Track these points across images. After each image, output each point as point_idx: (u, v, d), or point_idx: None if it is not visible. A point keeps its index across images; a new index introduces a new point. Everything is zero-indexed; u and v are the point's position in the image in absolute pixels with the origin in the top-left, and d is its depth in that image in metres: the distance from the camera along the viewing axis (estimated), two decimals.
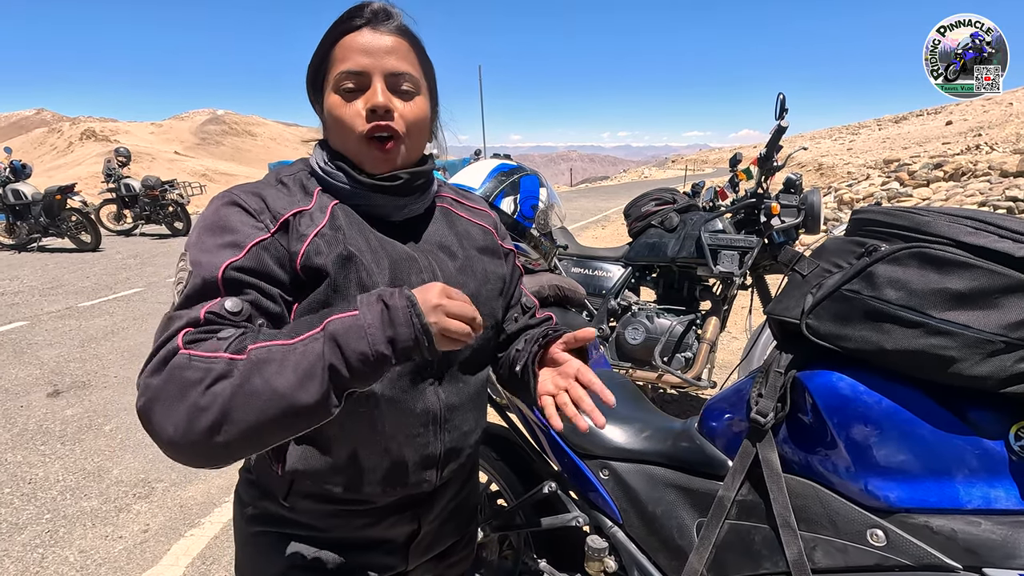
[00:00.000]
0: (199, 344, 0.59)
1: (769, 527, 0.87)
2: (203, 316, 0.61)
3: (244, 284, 0.66)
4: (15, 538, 2.17)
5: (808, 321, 0.84)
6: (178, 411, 0.56)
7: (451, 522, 0.94)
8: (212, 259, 0.65)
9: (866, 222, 0.87)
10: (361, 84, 0.74)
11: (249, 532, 0.84)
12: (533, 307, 1.00)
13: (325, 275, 0.71)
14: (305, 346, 0.59)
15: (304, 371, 0.57)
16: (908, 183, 8.77)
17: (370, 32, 0.74)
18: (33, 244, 9.14)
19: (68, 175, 27.80)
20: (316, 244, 0.71)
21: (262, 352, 0.58)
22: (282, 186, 0.77)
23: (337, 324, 0.60)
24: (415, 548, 0.89)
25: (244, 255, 0.66)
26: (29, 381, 3.71)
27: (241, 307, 0.64)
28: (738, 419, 0.96)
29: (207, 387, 0.56)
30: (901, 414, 0.76)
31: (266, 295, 0.68)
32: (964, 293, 0.70)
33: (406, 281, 0.77)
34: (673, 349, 2.72)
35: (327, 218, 0.74)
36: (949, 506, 0.73)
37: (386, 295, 0.63)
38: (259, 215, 0.70)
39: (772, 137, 2.60)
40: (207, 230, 0.68)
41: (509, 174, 1.51)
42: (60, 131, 56.70)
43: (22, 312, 5.35)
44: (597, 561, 1.14)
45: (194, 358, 0.57)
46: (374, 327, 0.60)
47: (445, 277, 0.81)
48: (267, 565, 0.82)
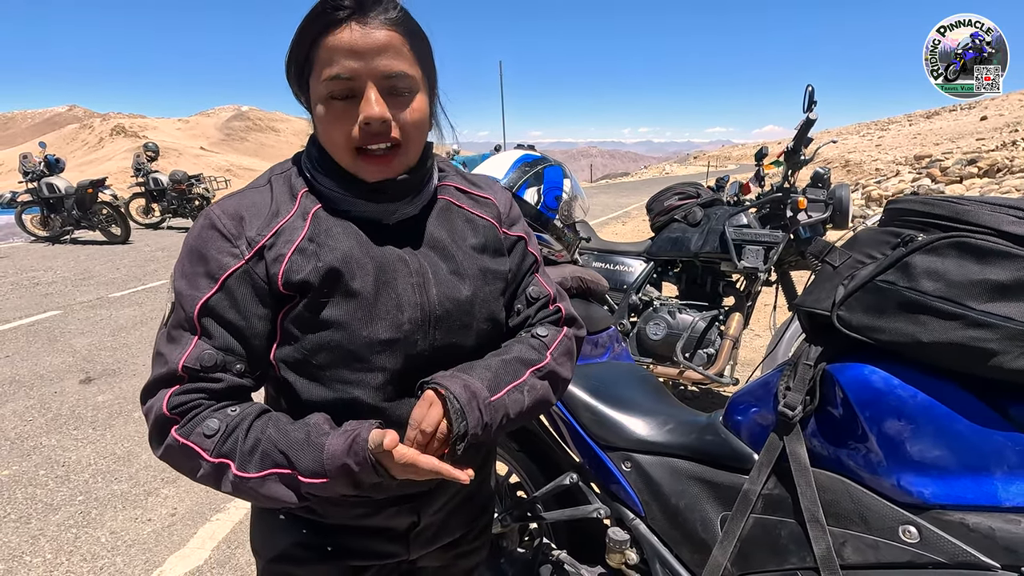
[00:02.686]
0: (183, 421, 0.68)
1: (796, 522, 0.86)
2: (181, 367, 0.68)
3: (216, 323, 0.70)
4: (50, 518, 2.25)
5: (839, 313, 0.82)
6: (191, 478, 0.70)
7: (459, 515, 0.93)
8: (190, 292, 0.70)
9: (902, 212, 0.85)
10: (351, 90, 0.67)
11: (258, 508, 0.88)
12: (541, 298, 0.88)
13: (308, 290, 0.71)
14: (279, 487, 0.67)
15: (283, 502, 0.68)
16: (940, 179, 8.52)
17: (357, 27, 0.65)
18: (66, 236, 9.42)
19: (99, 170, 28.56)
20: (294, 262, 0.71)
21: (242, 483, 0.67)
22: (268, 190, 0.75)
23: (306, 486, 0.67)
24: (416, 538, 0.89)
25: (217, 289, 0.69)
26: (62, 368, 3.82)
27: (215, 360, 0.69)
28: (765, 412, 0.94)
29: (201, 478, 0.68)
30: (937, 408, 0.73)
31: (237, 333, 0.71)
32: (1006, 284, 0.68)
33: (392, 285, 0.74)
34: (695, 345, 2.69)
35: (307, 227, 0.73)
36: (987, 503, 0.71)
37: (353, 464, 0.65)
38: (236, 240, 0.70)
39: (800, 130, 2.54)
40: (188, 255, 0.72)
41: (533, 164, 1.51)
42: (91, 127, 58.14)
43: (56, 301, 5.52)
44: (618, 553, 1.13)
45: (185, 448, 0.67)
46: (343, 488, 0.68)
47: (437, 280, 0.77)
48: (275, 539, 0.86)
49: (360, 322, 0.72)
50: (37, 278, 6.60)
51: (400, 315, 0.74)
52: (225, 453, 0.67)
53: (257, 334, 0.72)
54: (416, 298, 0.75)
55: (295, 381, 0.74)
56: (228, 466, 0.67)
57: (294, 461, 0.66)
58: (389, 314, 0.73)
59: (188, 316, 0.69)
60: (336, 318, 0.71)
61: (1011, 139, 11.60)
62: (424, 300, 0.75)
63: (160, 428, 0.68)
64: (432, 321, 0.76)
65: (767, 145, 3.13)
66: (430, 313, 0.76)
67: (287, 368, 0.74)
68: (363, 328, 0.72)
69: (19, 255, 8.26)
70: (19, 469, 2.60)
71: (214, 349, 0.69)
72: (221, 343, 0.70)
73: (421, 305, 0.75)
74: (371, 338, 0.72)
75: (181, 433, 0.67)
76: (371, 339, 0.72)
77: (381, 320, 0.73)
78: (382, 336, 0.73)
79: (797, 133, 2.57)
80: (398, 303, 0.74)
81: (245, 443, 0.67)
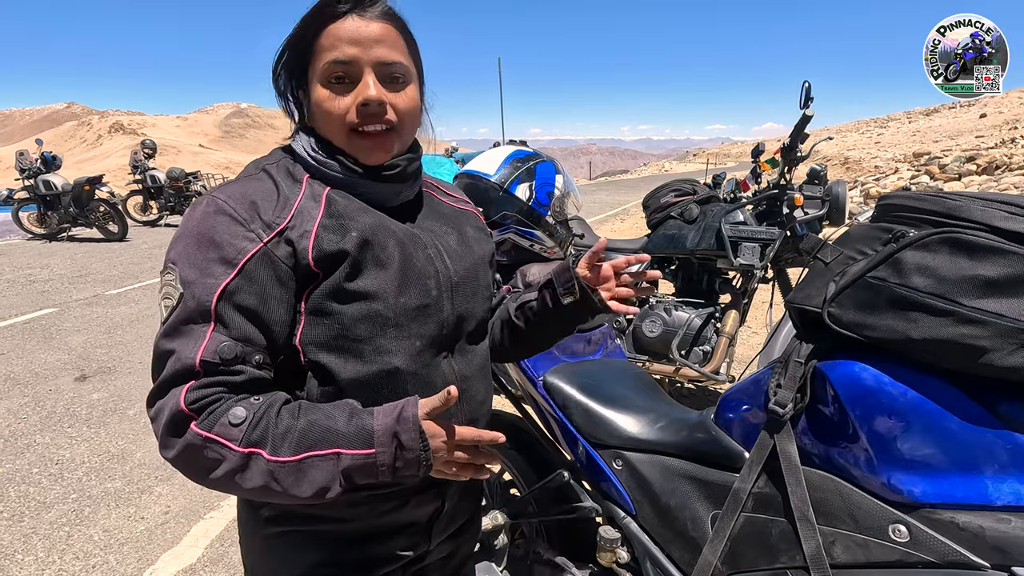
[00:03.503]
0: (203, 415, 0.63)
1: (786, 520, 0.85)
2: (199, 361, 0.63)
3: (235, 311, 0.65)
4: (43, 516, 2.24)
5: (830, 309, 0.81)
6: (203, 481, 0.65)
7: (466, 498, 0.95)
8: (204, 279, 0.65)
9: (894, 207, 0.84)
10: (350, 74, 0.72)
11: (267, 534, 0.80)
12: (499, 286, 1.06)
13: (340, 261, 0.70)
14: (320, 469, 0.64)
15: (317, 489, 0.65)
16: (939, 177, 8.51)
17: (357, 19, 0.71)
18: (63, 233, 9.40)
19: (98, 167, 28.48)
20: (321, 235, 0.70)
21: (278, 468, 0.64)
22: (268, 177, 0.74)
23: (349, 461, 0.64)
24: (437, 526, 0.89)
25: (237, 274, 0.65)
26: (58, 366, 3.81)
27: (235, 352, 0.65)
28: (756, 410, 0.94)
29: (225, 475, 0.63)
30: (927, 406, 0.73)
31: (257, 321, 0.67)
32: (997, 280, 0.67)
33: (415, 256, 0.78)
34: (691, 342, 2.69)
35: (323, 207, 0.73)
36: (977, 502, 0.70)
37: (402, 433, 0.65)
38: (249, 224, 0.68)
39: (796, 126, 2.53)
40: (195, 242, 0.67)
41: (525, 160, 1.49)
42: (89, 124, 58.02)
43: (52, 299, 5.51)
44: (609, 552, 1.13)
45: (208, 442, 0.62)
46: (385, 468, 0.65)
47: (448, 252, 0.83)
48: (290, 566, 0.79)
49: (395, 289, 0.74)
50: (34, 275, 6.58)
51: (427, 282, 0.78)
52: (255, 441, 0.63)
53: (277, 321, 0.69)
54: (435, 267, 0.80)
55: (330, 362, 0.72)
56: (259, 455, 0.63)
57: (338, 436, 0.65)
58: (420, 281, 0.77)
59: (202, 306, 0.64)
60: (371, 288, 0.72)
61: (1010, 136, 11.59)
62: (443, 268, 0.81)
63: (176, 426, 0.62)
64: (452, 287, 0.81)
65: (763, 142, 3.12)
66: (449, 280, 0.81)
67: (318, 350, 0.72)
68: (399, 295, 0.74)
69: (16, 252, 8.24)
70: (13, 467, 2.59)
71: (232, 340, 0.65)
72: (239, 333, 0.66)
73: (440, 273, 0.80)
74: (407, 305, 0.75)
75: (203, 427, 0.62)
76: (407, 306, 0.75)
77: (412, 287, 0.76)
78: (415, 303, 0.76)
79: (794, 129, 2.56)
80: (424, 271, 0.78)
81: (278, 427, 0.64)
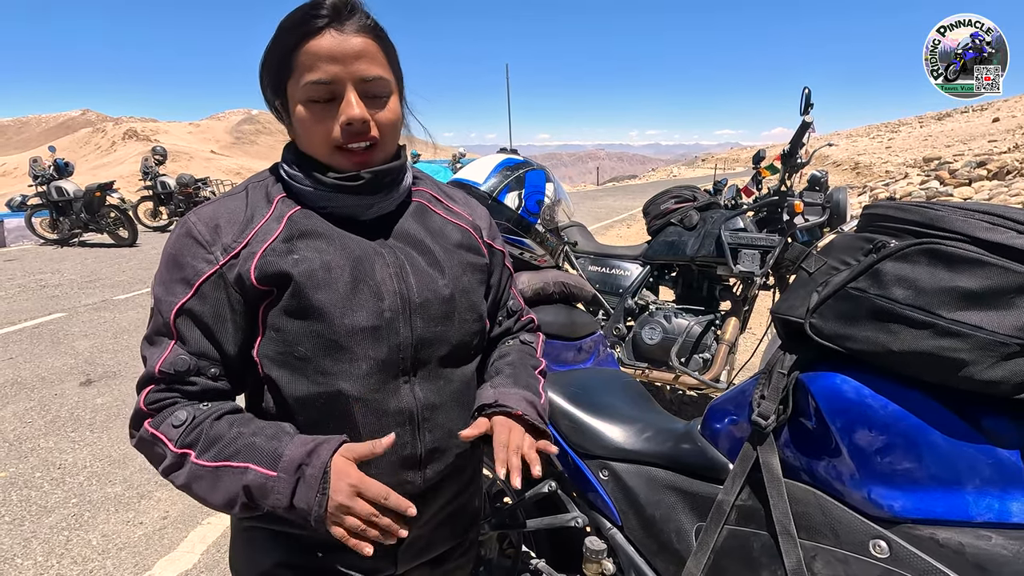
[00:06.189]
0: (157, 415, 0.72)
1: (768, 534, 0.84)
2: (157, 371, 0.71)
3: (190, 328, 0.72)
4: (43, 520, 2.26)
5: (812, 320, 0.80)
6: (156, 467, 0.72)
7: (447, 527, 0.91)
8: (167, 298, 0.72)
9: (877, 217, 0.83)
10: (331, 93, 0.71)
11: (241, 526, 0.85)
12: (519, 311, 1.01)
13: (284, 282, 0.73)
14: (231, 479, 0.68)
15: (226, 499, 0.69)
16: (949, 182, 8.42)
17: (336, 34, 0.70)
18: (74, 239, 9.53)
19: (111, 173, 28.89)
20: (266, 258, 0.73)
21: (199, 470, 0.69)
22: (244, 197, 0.78)
23: (252, 477, 0.67)
24: (404, 552, 0.86)
25: (192, 295, 0.72)
26: (64, 370, 3.85)
27: (188, 365, 0.72)
28: (741, 421, 0.92)
29: (164, 470, 0.71)
30: (908, 419, 0.71)
31: (211, 338, 0.73)
32: (976, 292, 0.66)
33: (370, 275, 0.76)
34: (691, 350, 2.67)
35: (281, 228, 0.75)
36: (958, 518, 0.68)
37: (307, 467, 0.66)
38: (211, 247, 0.73)
39: (796, 133, 2.52)
40: (166, 262, 0.74)
41: (514, 169, 1.49)
42: (104, 131, 58.91)
43: (61, 304, 5.58)
44: (595, 563, 1.12)
45: (155, 439, 0.71)
46: (281, 497, 0.67)
47: (414, 271, 0.79)
48: (258, 560, 0.83)
49: (340, 310, 0.73)
50: (44, 280, 6.67)
51: (380, 303, 0.75)
52: (189, 443, 0.69)
53: (231, 339, 0.74)
54: (395, 286, 0.77)
55: (278, 377, 0.74)
56: (188, 456, 0.69)
57: (254, 452, 0.68)
58: (369, 302, 0.75)
59: (165, 321, 0.72)
60: (315, 307, 0.73)
61: (1023, 141, 11.45)
62: (403, 288, 0.78)
63: (135, 420, 0.73)
64: (412, 309, 0.78)
65: (764, 149, 3.11)
66: (409, 301, 0.78)
67: (270, 363, 0.75)
68: (343, 316, 0.73)
69: (28, 257, 8.36)
70: (16, 471, 2.61)
71: (188, 354, 0.72)
72: (195, 348, 0.72)
73: (400, 293, 0.77)
74: (352, 326, 0.74)
75: (152, 425, 0.71)
76: (352, 327, 0.74)
77: (361, 309, 0.74)
78: (363, 324, 0.74)
79: (793, 136, 2.55)
80: (377, 292, 0.76)
81: (211, 433, 0.70)
